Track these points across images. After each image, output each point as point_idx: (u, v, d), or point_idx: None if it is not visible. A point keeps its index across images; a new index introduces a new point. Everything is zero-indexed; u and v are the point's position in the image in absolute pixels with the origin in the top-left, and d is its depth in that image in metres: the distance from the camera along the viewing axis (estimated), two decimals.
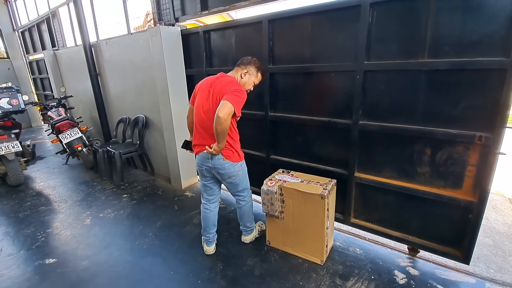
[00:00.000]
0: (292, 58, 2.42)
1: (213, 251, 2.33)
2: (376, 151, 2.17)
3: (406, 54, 1.86)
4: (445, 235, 2.02)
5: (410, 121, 1.94)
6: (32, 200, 3.45)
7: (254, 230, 2.48)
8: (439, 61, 1.74)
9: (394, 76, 1.95)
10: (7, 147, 3.60)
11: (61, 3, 5.41)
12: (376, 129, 2.09)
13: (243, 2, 2.59)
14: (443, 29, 1.70)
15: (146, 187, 3.71)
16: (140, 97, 3.90)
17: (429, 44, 1.76)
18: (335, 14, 2.10)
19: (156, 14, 3.36)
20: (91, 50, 4.27)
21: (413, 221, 2.14)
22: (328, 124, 2.32)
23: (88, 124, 5.09)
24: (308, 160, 2.57)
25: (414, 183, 2.04)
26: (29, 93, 7.79)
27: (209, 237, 2.32)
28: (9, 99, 3.87)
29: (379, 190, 2.21)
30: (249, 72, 2.07)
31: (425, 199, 2.00)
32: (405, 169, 2.06)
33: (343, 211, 2.44)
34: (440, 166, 1.91)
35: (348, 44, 2.08)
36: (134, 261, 2.30)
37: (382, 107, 2.05)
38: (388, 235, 2.26)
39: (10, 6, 7.57)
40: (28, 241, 2.61)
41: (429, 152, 1.93)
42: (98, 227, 2.80)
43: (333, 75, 2.23)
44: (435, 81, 1.80)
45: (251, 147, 2.95)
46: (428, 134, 1.88)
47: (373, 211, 2.32)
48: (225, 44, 2.90)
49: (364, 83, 2.06)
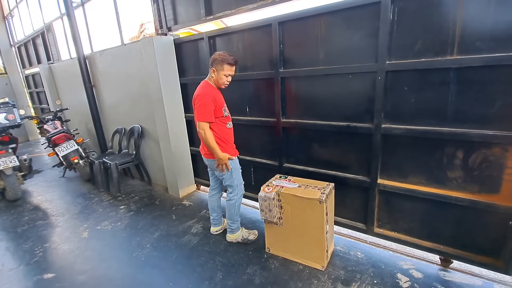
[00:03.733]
0: (305, 61, 2.32)
1: (218, 232, 2.68)
2: (401, 156, 2.05)
3: (432, 52, 1.76)
4: (482, 244, 1.88)
5: (439, 123, 1.83)
6: (30, 214, 3.42)
7: (237, 233, 2.50)
8: (471, 58, 1.64)
9: (420, 75, 1.84)
10: (4, 162, 3.59)
11: (55, 17, 5.45)
12: (401, 132, 1.97)
13: (250, 5, 2.50)
14: (474, 23, 1.60)
15: (143, 197, 3.68)
16: (135, 107, 3.89)
17: (459, 40, 1.66)
18: (352, 12, 1.99)
19: (158, 22, 3.35)
20: (85, 62, 4.28)
21: (446, 229, 2.00)
22: (346, 129, 2.21)
23: (84, 136, 5.09)
24: (325, 167, 2.45)
25: (445, 189, 1.92)
26: (26, 107, 7.80)
27: (213, 218, 2.65)
28: (6, 114, 3.87)
29: (405, 197, 2.09)
30: (215, 68, 2.15)
31: (458, 205, 1.88)
32: (435, 174, 1.94)
33: (365, 220, 2.33)
34: (474, 170, 1.79)
35: (367, 43, 1.98)
36: (133, 273, 2.26)
37: (407, 109, 1.94)
38: (417, 245, 2.12)
39: (8, 22, 7.63)
40: (26, 256, 2.58)
41: (462, 155, 1.81)
42: (96, 240, 2.76)
43: (350, 77, 2.11)
44: (466, 79, 1.69)
45: (262, 155, 2.89)
46: (460, 136, 1.76)
47: (400, 220, 2.18)
48: (231, 50, 2.77)
49: (386, 84, 1.95)
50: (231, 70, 2.17)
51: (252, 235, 2.54)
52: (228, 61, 2.12)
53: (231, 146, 2.35)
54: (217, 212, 2.63)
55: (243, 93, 2.84)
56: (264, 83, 2.64)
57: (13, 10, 7.16)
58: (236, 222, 2.47)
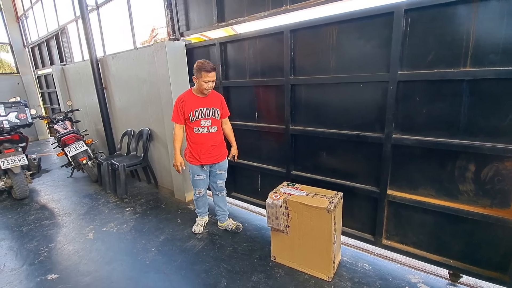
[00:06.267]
0: (315, 68, 2.33)
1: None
2: (411, 167, 2.03)
3: (445, 63, 1.76)
4: (491, 259, 1.85)
5: (451, 134, 1.81)
6: (36, 213, 3.44)
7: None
8: (484, 70, 1.64)
9: (432, 86, 1.83)
10: (13, 161, 3.63)
11: (70, 20, 5.58)
12: (412, 143, 1.95)
13: (263, 13, 2.54)
14: (488, 36, 1.61)
15: (150, 200, 3.68)
16: (145, 110, 3.93)
17: (472, 52, 1.66)
18: (364, 22, 2.01)
19: (170, 27, 3.40)
20: (97, 64, 4.35)
21: (455, 243, 1.97)
22: (356, 138, 2.20)
23: (93, 137, 5.14)
24: (333, 176, 2.44)
25: (456, 202, 1.89)
26: (37, 107, 7.94)
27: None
28: (17, 113, 3.94)
29: (415, 209, 2.06)
30: (196, 76, 2.35)
31: (468, 219, 1.85)
32: (445, 186, 1.91)
33: (373, 231, 2.30)
34: (486, 184, 1.76)
35: (379, 53, 1.99)
36: (137, 277, 2.24)
37: (418, 120, 1.93)
38: (426, 258, 2.08)
39: (22, 23, 7.83)
40: (31, 255, 2.58)
41: (473, 168, 1.79)
42: (101, 242, 2.76)
43: (361, 86, 2.12)
44: (479, 91, 1.69)
45: (270, 162, 2.89)
46: (472, 149, 1.74)
47: (409, 232, 2.16)
48: (242, 56, 2.82)
49: (398, 94, 1.95)
50: (209, 76, 2.30)
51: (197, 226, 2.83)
52: (205, 68, 2.27)
53: (196, 151, 2.49)
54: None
55: (252, 99, 2.85)
56: (273, 89, 2.65)
57: (27, 11, 7.35)
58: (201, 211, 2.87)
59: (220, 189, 2.74)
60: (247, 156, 3.07)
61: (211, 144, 2.49)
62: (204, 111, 2.43)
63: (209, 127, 2.46)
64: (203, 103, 2.44)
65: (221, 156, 2.59)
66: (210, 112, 2.45)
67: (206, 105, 2.45)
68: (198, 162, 2.51)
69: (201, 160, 2.50)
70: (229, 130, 2.72)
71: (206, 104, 2.45)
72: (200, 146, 2.47)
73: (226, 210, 2.83)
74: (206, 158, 2.50)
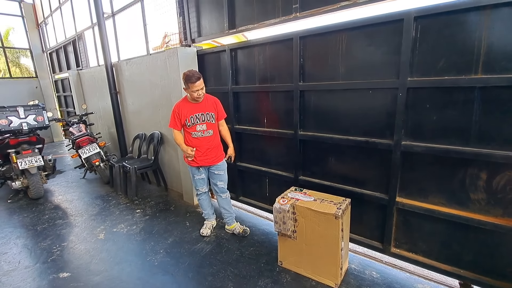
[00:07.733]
0: (325, 75, 2.34)
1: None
2: (421, 174, 2.01)
3: (455, 70, 1.74)
4: (503, 269, 1.81)
5: (462, 142, 1.79)
6: (50, 213, 3.55)
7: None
8: (496, 77, 1.62)
9: (442, 93, 1.82)
10: (30, 162, 3.76)
11: (87, 26, 5.78)
12: (422, 150, 1.93)
13: (273, 20, 2.57)
14: (500, 43, 1.59)
15: (159, 202, 3.74)
16: (156, 114, 4.02)
17: (484, 59, 1.64)
18: (374, 29, 2.01)
19: (182, 34, 3.49)
20: (112, 69, 4.48)
21: (466, 253, 1.93)
22: (365, 144, 2.19)
23: (106, 139, 5.27)
24: (342, 182, 2.43)
25: (467, 211, 1.85)
26: (53, 109, 8.21)
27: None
28: (35, 116, 4.09)
29: (425, 217, 2.03)
30: (185, 86, 2.46)
31: (480, 228, 1.81)
32: (456, 195, 1.88)
33: (382, 239, 2.27)
34: (498, 193, 1.73)
35: (388, 60, 1.99)
36: (145, 278, 2.28)
37: (428, 127, 1.91)
38: (436, 268, 2.04)
39: (41, 30, 8.15)
40: (44, 254, 2.66)
41: (485, 176, 1.75)
42: (111, 242, 2.82)
43: (371, 92, 2.11)
44: (491, 99, 1.66)
45: (278, 167, 2.90)
46: (484, 157, 1.71)
47: (418, 240, 2.12)
48: (252, 62, 2.86)
49: (407, 101, 1.94)
50: (195, 86, 2.40)
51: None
52: (190, 80, 2.38)
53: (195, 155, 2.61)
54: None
55: (261, 104, 2.88)
56: (283, 95, 2.67)
57: (47, 18, 7.65)
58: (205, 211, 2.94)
59: (222, 191, 2.78)
60: (255, 161, 3.09)
61: (208, 147, 2.60)
62: (199, 116, 2.54)
63: (204, 131, 2.57)
64: (198, 108, 2.55)
65: (217, 158, 2.68)
66: (205, 117, 2.56)
67: (201, 110, 2.55)
68: (195, 163, 2.63)
69: (198, 162, 2.61)
70: (226, 131, 2.79)
71: (200, 110, 2.55)
72: (197, 149, 2.58)
73: (232, 212, 2.85)
74: (203, 160, 2.61)
